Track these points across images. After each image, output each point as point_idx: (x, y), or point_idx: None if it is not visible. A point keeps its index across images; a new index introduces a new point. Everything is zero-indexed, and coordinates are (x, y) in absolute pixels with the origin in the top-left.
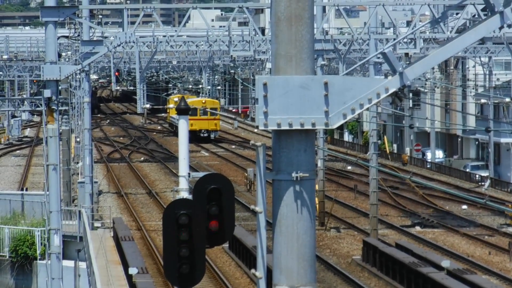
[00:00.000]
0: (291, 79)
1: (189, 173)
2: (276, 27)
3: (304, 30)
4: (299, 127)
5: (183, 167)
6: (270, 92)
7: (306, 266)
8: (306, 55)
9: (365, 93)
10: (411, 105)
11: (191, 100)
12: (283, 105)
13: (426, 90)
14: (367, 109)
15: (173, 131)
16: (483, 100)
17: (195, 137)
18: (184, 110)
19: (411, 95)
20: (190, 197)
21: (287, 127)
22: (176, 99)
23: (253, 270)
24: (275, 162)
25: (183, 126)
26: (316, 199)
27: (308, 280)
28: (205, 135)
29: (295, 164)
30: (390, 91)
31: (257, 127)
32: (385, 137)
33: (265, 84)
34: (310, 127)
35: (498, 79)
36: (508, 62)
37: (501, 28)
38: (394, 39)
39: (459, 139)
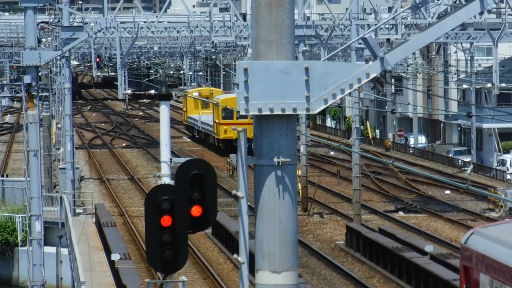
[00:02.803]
0: (271, 64)
1: (171, 159)
2: (256, 12)
3: (284, 15)
4: (280, 112)
5: (164, 152)
6: (251, 77)
7: (288, 251)
8: (287, 40)
9: (346, 78)
10: (393, 91)
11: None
12: (264, 90)
13: (408, 76)
14: (349, 94)
15: (197, 137)
16: (464, 86)
17: (230, 147)
18: (165, 95)
19: (393, 80)
20: (172, 182)
21: (268, 112)
22: (196, 93)
23: (235, 255)
24: (257, 147)
25: (165, 111)
26: (299, 184)
27: (290, 264)
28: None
29: (276, 149)
30: (371, 76)
31: (238, 112)
32: (367, 122)
33: (245, 70)
34: (291, 112)
35: (479, 65)
36: (490, 47)
37: (481, 13)
38: (376, 25)
39: (442, 125)
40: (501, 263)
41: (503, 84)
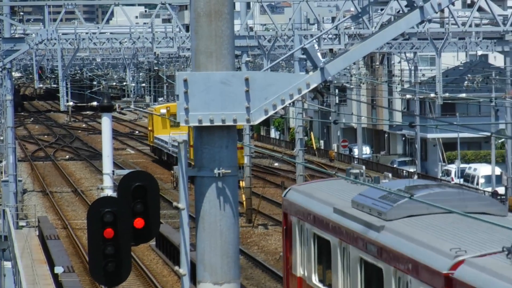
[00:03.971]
0: (211, 75)
1: (113, 171)
2: (196, 23)
3: (224, 25)
4: (220, 123)
5: (107, 164)
6: (190, 88)
7: (230, 263)
8: (227, 51)
9: (286, 88)
10: (337, 101)
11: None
12: (204, 101)
13: (352, 86)
14: (293, 104)
15: (166, 160)
16: (408, 96)
17: None
18: (107, 107)
19: (337, 91)
20: (115, 194)
21: (208, 124)
22: (163, 110)
23: (176, 267)
24: (197, 159)
25: (107, 123)
26: (243, 196)
27: (232, 276)
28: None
29: (217, 160)
30: (312, 87)
31: (178, 123)
32: (311, 133)
33: (185, 80)
34: (231, 123)
35: (423, 75)
36: (433, 57)
37: (421, 23)
38: (316, 35)
39: (386, 135)
40: (302, 207)
41: (447, 94)
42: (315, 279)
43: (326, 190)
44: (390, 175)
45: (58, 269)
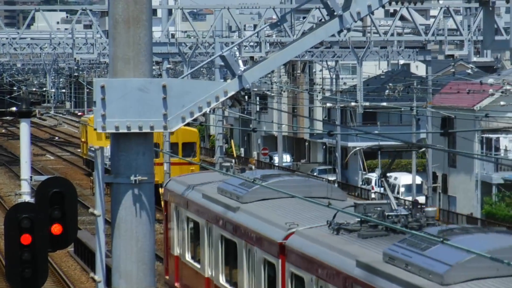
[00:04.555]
0: (129, 81)
1: (31, 177)
2: (114, 29)
3: (142, 32)
4: (137, 130)
5: (25, 170)
6: (108, 95)
7: (146, 270)
8: (144, 58)
9: (204, 96)
10: (258, 109)
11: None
12: (121, 108)
13: (273, 94)
14: (212, 112)
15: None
16: (329, 104)
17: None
18: (25, 113)
19: (258, 99)
20: (32, 200)
21: (125, 130)
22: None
23: (92, 274)
24: (114, 165)
25: (25, 129)
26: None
27: (147, 283)
28: None
29: (133, 167)
30: (229, 94)
31: (95, 129)
32: (232, 141)
33: (103, 87)
34: (148, 130)
35: (345, 83)
36: (355, 66)
37: (340, 31)
38: (235, 43)
39: (307, 143)
40: (179, 195)
41: (368, 103)
42: (188, 256)
43: (200, 180)
44: (253, 167)
45: None
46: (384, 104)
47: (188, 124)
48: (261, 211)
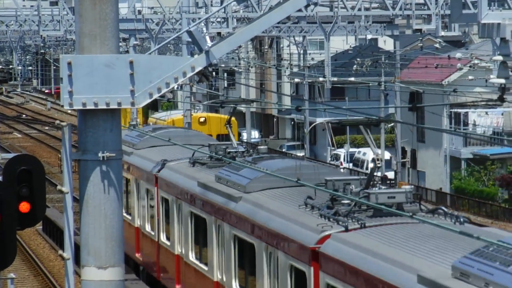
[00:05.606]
0: (96, 58)
1: None
2: (80, 6)
3: (108, 8)
4: (104, 107)
5: None
6: (74, 71)
7: (114, 247)
8: (111, 34)
9: (171, 72)
10: (226, 85)
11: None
12: (88, 85)
13: (240, 70)
14: (180, 88)
15: None
16: (297, 80)
17: None
18: None
19: (226, 74)
20: (0, 178)
21: (92, 107)
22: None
23: (61, 251)
24: (81, 142)
25: None
26: None
27: (116, 260)
28: None
29: (101, 144)
30: (197, 70)
31: (63, 106)
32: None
33: (69, 64)
34: (115, 107)
35: (312, 59)
36: (322, 41)
37: (307, 6)
38: (206, 19)
39: (275, 119)
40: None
41: (335, 78)
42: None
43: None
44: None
45: None
46: (352, 79)
47: (217, 111)
48: (152, 155)
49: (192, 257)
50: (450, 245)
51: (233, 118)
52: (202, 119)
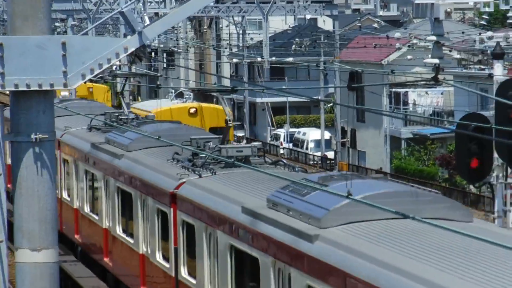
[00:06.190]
0: (28, 39)
1: None
2: None
3: None
4: (37, 88)
5: None
6: (6, 52)
7: (48, 229)
8: (43, 15)
9: (104, 53)
10: (165, 66)
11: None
12: (20, 66)
13: (179, 50)
14: (119, 68)
15: None
16: (235, 60)
17: None
18: None
19: (164, 55)
20: None
21: (25, 88)
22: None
23: None
24: (14, 124)
25: None
26: None
27: (49, 242)
28: None
29: (34, 125)
30: (130, 51)
31: None
32: (139, 98)
33: (1, 45)
34: (48, 88)
35: (252, 39)
36: (262, 21)
37: None
38: None
39: (214, 99)
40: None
41: (273, 59)
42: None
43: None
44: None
45: None
46: (291, 59)
47: (208, 99)
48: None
49: (87, 209)
50: (273, 185)
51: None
52: (192, 110)
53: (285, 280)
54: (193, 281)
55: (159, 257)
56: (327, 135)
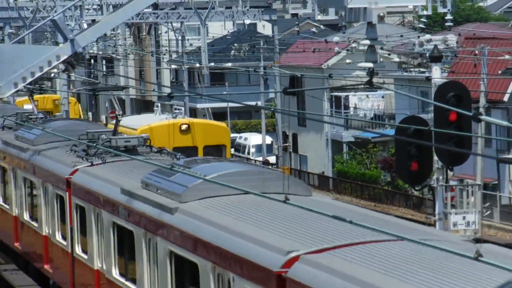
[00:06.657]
0: None
1: None
2: None
3: None
4: None
5: None
6: None
7: None
8: None
9: (36, 61)
10: (104, 72)
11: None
12: None
13: (119, 57)
14: (58, 75)
15: None
16: (174, 66)
17: None
18: None
19: (104, 62)
20: None
21: None
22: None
23: None
24: None
25: None
26: None
27: None
28: None
29: None
30: (62, 59)
31: None
32: (78, 104)
33: None
34: None
35: (191, 44)
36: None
37: None
38: (80, 6)
39: (155, 106)
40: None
41: (212, 64)
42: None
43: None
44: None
45: None
46: (229, 64)
47: (216, 117)
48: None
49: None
50: (151, 170)
51: (224, 125)
52: (184, 127)
53: (154, 248)
54: (85, 256)
55: (58, 237)
56: (268, 139)
